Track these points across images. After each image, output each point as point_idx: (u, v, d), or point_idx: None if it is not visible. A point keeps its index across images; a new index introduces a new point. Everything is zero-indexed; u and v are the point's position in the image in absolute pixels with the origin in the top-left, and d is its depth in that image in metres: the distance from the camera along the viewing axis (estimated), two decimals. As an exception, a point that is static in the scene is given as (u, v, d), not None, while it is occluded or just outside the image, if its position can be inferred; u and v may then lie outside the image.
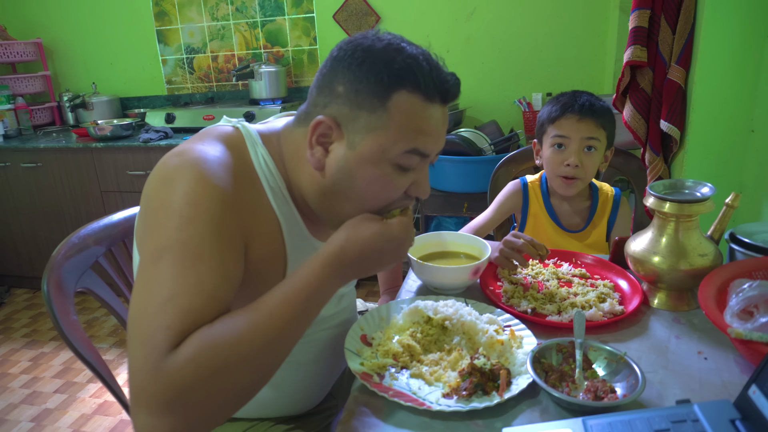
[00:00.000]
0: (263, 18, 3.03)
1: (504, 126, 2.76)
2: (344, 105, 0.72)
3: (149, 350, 0.56)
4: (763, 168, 1.46)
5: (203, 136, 0.76)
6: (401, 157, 0.73)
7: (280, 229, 0.78)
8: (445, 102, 0.75)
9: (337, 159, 0.73)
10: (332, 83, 0.73)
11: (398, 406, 0.73)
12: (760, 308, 0.78)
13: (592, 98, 1.31)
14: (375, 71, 0.70)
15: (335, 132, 0.73)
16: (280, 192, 0.79)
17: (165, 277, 0.60)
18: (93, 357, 0.96)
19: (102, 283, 1.05)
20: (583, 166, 1.29)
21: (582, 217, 1.41)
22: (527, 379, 0.75)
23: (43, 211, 2.93)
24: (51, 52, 3.39)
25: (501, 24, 2.73)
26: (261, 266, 0.76)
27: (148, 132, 2.77)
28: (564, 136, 1.30)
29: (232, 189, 0.70)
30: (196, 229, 0.63)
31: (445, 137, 0.78)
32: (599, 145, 1.30)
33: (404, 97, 0.70)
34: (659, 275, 0.95)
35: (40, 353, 2.49)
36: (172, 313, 0.57)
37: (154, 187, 0.69)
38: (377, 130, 0.71)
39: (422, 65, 0.71)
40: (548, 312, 0.96)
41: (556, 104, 1.32)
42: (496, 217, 1.44)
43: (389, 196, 0.76)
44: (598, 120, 1.28)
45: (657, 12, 1.54)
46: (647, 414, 0.64)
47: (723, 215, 0.96)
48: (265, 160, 0.78)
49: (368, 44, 0.72)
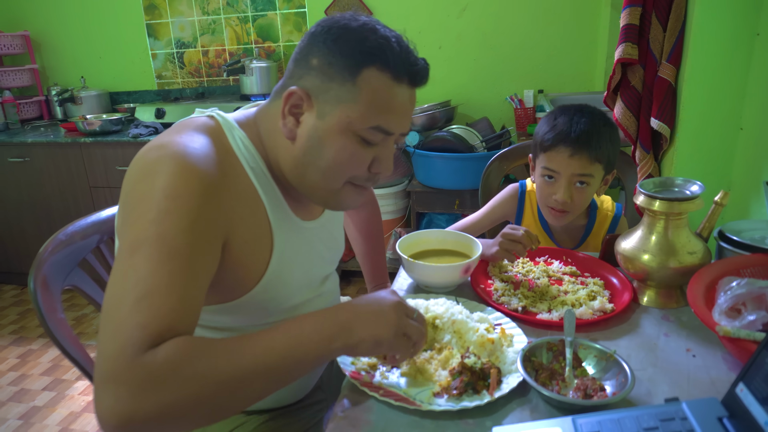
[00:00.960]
0: (254, 12, 3.00)
1: (495, 123, 2.76)
2: (317, 77, 0.75)
3: (123, 345, 0.57)
4: (752, 166, 1.47)
5: (181, 128, 0.77)
6: (366, 131, 0.76)
7: (264, 210, 0.81)
8: (413, 84, 0.78)
9: (307, 128, 0.77)
10: (308, 57, 0.77)
11: (389, 405, 0.73)
12: (747, 306, 0.79)
13: (591, 125, 1.16)
14: (348, 47, 0.74)
15: (306, 103, 0.76)
16: (261, 172, 0.82)
17: (140, 271, 0.62)
18: (80, 355, 0.95)
19: (90, 281, 1.03)
20: (573, 201, 1.20)
21: (577, 235, 1.35)
22: (518, 378, 0.75)
23: (31, 206, 2.90)
24: (39, 44, 3.35)
25: (493, 21, 2.73)
26: (247, 248, 0.78)
27: (138, 127, 2.75)
28: (554, 171, 1.20)
29: (214, 179, 0.71)
30: (173, 223, 0.65)
31: (410, 119, 0.82)
32: (592, 180, 1.20)
33: (374, 74, 0.74)
34: (649, 273, 0.95)
35: (28, 350, 2.47)
36: (147, 314, 0.59)
37: (134, 180, 0.70)
38: (346, 102, 0.74)
39: (393, 46, 0.74)
40: (539, 310, 0.97)
41: (552, 130, 1.19)
42: (486, 220, 1.39)
43: (354, 169, 0.79)
44: (593, 153, 1.16)
45: (648, 9, 1.54)
46: (636, 412, 0.64)
47: (712, 213, 0.97)
48: (243, 143, 0.81)
49: (344, 22, 0.76)
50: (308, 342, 0.65)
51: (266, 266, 0.81)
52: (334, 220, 1.01)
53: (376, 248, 1.31)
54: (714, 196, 0.96)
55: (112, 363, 0.57)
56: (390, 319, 0.69)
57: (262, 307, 0.85)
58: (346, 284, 2.91)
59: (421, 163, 2.52)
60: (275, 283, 0.83)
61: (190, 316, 0.64)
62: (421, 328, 0.73)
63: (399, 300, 0.73)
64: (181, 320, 0.62)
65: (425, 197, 2.56)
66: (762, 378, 0.60)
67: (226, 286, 0.78)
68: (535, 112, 2.66)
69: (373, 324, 0.68)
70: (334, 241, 1.01)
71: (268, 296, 0.84)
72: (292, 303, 0.90)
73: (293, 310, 0.91)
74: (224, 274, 0.75)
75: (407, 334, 0.71)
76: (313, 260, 0.93)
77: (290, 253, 0.85)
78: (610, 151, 1.20)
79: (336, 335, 0.66)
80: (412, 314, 0.74)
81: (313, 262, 0.93)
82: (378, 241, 1.31)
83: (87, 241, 1.03)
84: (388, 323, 0.69)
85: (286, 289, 0.87)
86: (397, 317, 0.70)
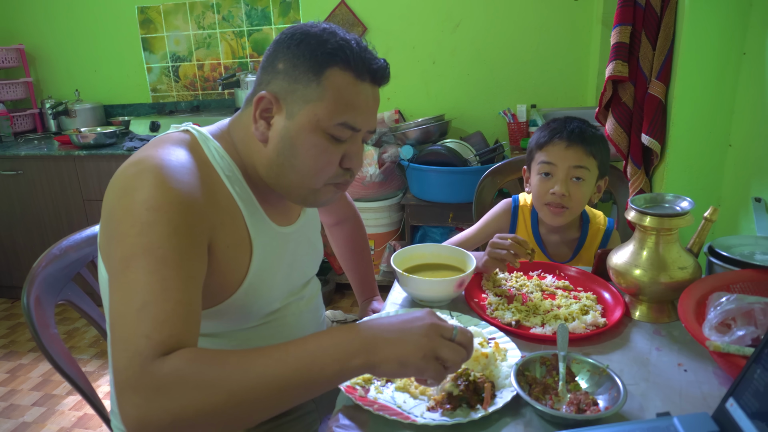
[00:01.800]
0: (250, 27, 3.03)
1: (489, 137, 2.79)
2: (283, 80, 0.79)
3: (133, 355, 0.59)
4: (741, 182, 1.49)
5: (157, 143, 0.79)
6: (334, 128, 0.79)
7: (242, 217, 0.84)
8: (375, 82, 0.82)
9: (278, 130, 0.80)
10: (274, 62, 0.81)
11: (383, 420, 0.73)
12: (737, 321, 0.80)
13: (584, 125, 1.25)
14: (310, 49, 0.78)
15: (275, 106, 0.80)
16: (237, 180, 0.84)
17: (135, 285, 0.64)
18: (73, 370, 0.94)
19: (83, 295, 1.03)
20: (570, 195, 1.23)
21: (569, 248, 1.36)
22: (511, 392, 0.76)
23: (24, 219, 2.88)
24: (33, 58, 3.35)
25: (486, 36, 2.77)
26: (228, 255, 0.81)
27: (133, 140, 2.75)
28: (551, 163, 1.24)
29: (193, 189, 0.73)
30: (157, 233, 0.67)
31: (376, 116, 0.85)
32: (588, 174, 1.23)
33: (337, 73, 0.78)
34: (640, 288, 0.96)
35: (18, 365, 2.44)
36: (149, 323, 0.61)
37: (114, 198, 0.72)
38: (313, 101, 0.78)
39: (353, 47, 0.79)
40: (532, 324, 0.97)
41: (545, 130, 1.27)
42: (479, 235, 1.40)
43: (326, 167, 0.82)
44: (588, 147, 1.22)
45: (638, 28, 1.57)
46: (628, 427, 0.65)
47: (702, 229, 0.98)
48: (218, 153, 0.84)
49: (306, 29, 0.80)
50: (325, 356, 0.62)
51: (246, 271, 0.83)
52: (311, 225, 1.03)
53: (363, 262, 1.33)
54: (704, 212, 0.97)
55: (125, 373, 0.59)
56: (419, 340, 0.65)
57: (245, 312, 0.87)
58: (340, 297, 2.91)
59: (416, 177, 2.53)
60: (256, 287, 0.85)
61: (192, 319, 0.65)
62: (461, 350, 0.67)
63: (433, 321, 0.68)
64: (183, 325, 0.63)
65: (419, 210, 2.57)
66: (751, 393, 0.60)
67: (209, 291, 0.79)
68: (528, 127, 2.69)
69: (400, 344, 0.64)
70: (312, 245, 1.04)
71: (249, 301, 0.85)
72: (273, 307, 0.92)
73: (275, 314, 0.93)
74: (207, 279, 0.77)
75: (440, 357, 0.65)
76: (293, 265, 0.95)
77: (269, 259, 0.88)
78: (603, 152, 1.26)
79: (357, 351, 0.63)
80: (449, 334, 0.67)
81: (293, 267, 0.96)
82: (364, 255, 1.33)
83: (81, 256, 1.03)
84: (417, 345, 0.64)
85: (267, 294, 0.89)
86: (428, 339, 0.65)
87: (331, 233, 1.32)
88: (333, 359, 0.62)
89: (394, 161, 2.59)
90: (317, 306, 1.06)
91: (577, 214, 1.30)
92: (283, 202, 0.93)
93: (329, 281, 2.84)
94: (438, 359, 0.65)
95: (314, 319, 1.03)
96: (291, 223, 0.95)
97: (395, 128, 2.65)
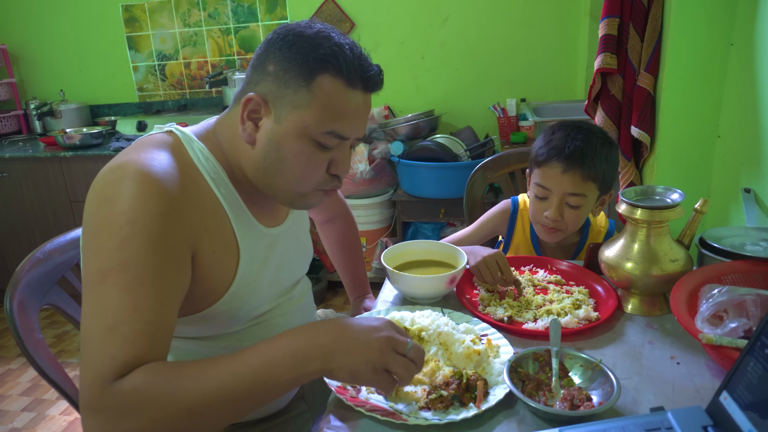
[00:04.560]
0: (236, 24, 3.00)
1: (479, 132, 2.78)
2: (273, 83, 0.77)
3: (96, 375, 0.60)
4: (730, 173, 1.50)
5: (140, 145, 0.77)
6: (321, 136, 0.77)
7: (228, 220, 0.82)
8: (367, 90, 0.80)
9: (266, 132, 0.78)
10: (264, 63, 0.78)
11: (375, 420, 0.72)
12: (729, 313, 0.80)
13: (587, 141, 1.14)
14: (302, 53, 0.75)
15: (264, 108, 0.78)
16: (222, 182, 0.82)
17: (108, 301, 0.63)
18: (59, 376, 0.93)
19: (69, 299, 1.01)
20: (564, 219, 1.17)
21: (567, 254, 1.32)
22: (504, 389, 0.75)
23: (9, 222, 2.84)
24: (16, 58, 3.30)
25: (475, 30, 2.76)
26: (214, 260, 0.79)
27: (119, 140, 2.71)
28: (545, 188, 1.17)
29: (175, 194, 0.72)
30: (136, 248, 0.66)
31: (366, 124, 0.83)
32: (584, 200, 1.16)
33: (327, 80, 0.76)
34: (632, 281, 0.96)
35: (6, 370, 2.41)
36: (115, 344, 0.61)
37: (94, 205, 0.70)
38: (301, 107, 0.76)
39: (347, 53, 0.76)
40: (525, 320, 0.97)
41: (546, 146, 1.17)
42: (475, 236, 1.36)
43: (312, 172, 0.80)
44: (587, 171, 1.13)
45: (626, 20, 1.57)
46: (622, 422, 0.64)
47: (692, 220, 0.98)
48: (203, 154, 0.81)
49: (300, 30, 0.78)
50: (281, 366, 0.64)
51: (233, 276, 0.82)
52: (300, 225, 1.02)
53: (355, 260, 1.32)
54: (694, 204, 0.97)
55: (89, 392, 0.60)
56: (371, 355, 0.66)
57: (233, 315, 0.85)
58: (333, 295, 2.90)
59: (406, 173, 2.52)
60: (244, 290, 0.84)
61: (161, 339, 0.65)
62: (411, 366, 0.68)
63: (390, 335, 0.68)
64: (151, 345, 0.63)
65: (410, 207, 2.56)
66: (745, 386, 0.60)
67: (195, 297, 0.78)
68: (518, 121, 2.68)
69: (353, 355, 0.66)
70: (301, 245, 1.03)
71: (237, 304, 0.84)
72: (262, 309, 0.91)
73: (264, 315, 0.92)
74: (193, 286, 0.76)
75: (390, 371, 0.67)
76: (281, 266, 0.94)
77: (257, 261, 0.86)
78: (606, 171, 1.16)
79: (312, 358, 0.65)
80: (403, 348, 0.68)
81: (282, 268, 0.94)
82: (355, 253, 1.31)
83: (66, 259, 1.01)
84: (368, 359, 0.66)
85: (255, 297, 0.88)
86: (381, 354, 0.66)
87: (322, 231, 1.30)
88: (288, 368, 0.64)
89: (385, 157, 2.58)
90: (307, 305, 1.05)
91: (572, 233, 1.24)
92: (270, 202, 0.91)
93: (321, 279, 2.82)
94: (386, 373, 0.67)
95: (304, 318, 1.02)
96: (279, 224, 0.93)
97: (385, 124, 2.64)
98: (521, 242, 1.34)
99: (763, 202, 1.33)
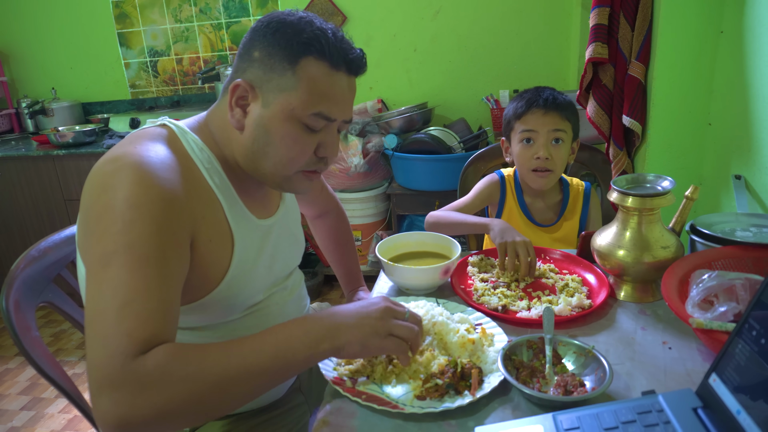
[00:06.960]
0: (228, 19, 2.98)
1: (472, 123, 2.78)
2: (259, 69, 0.79)
3: (113, 353, 0.60)
4: (721, 160, 1.51)
5: (135, 138, 0.78)
6: (308, 118, 0.79)
7: (222, 210, 0.83)
8: (351, 72, 0.83)
9: (254, 117, 0.80)
10: (250, 50, 0.81)
11: (372, 410, 0.73)
12: (719, 298, 0.81)
13: (555, 92, 1.35)
14: (286, 38, 0.78)
15: (251, 93, 0.80)
16: (216, 171, 0.84)
17: (116, 281, 0.64)
18: (57, 374, 0.93)
19: (65, 297, 1.02)
20: (552, 158, 1.32)
21: (554, 212, 1.44)
22: (499, 377, 0.76)
23: (4, 222, 2.83)
24: (7, 56, 3.27)
25: (466, 22, 2.75)
26: (210, 248, 0.80)
27: (113, 138, 2.70)
28: (532, 131, 1.33)
29: (174, 185, 0.73)
30: (139, 231, 0.67)
31: (352, 106, 0.86)
32: (566, 136, 1.34)
33: (312, 63, 0.78)
34: (624, 268, 0.97)
35: (5, 369, 2.41)
36: (131, 320, 0.62)
37: (93, 195, 0.71)
38: (287, 90, 0.78)
39: (329, 36, 0.79)
40: (519, 308, 0.98)
41: (521, 101, 1.36)
42: (470, 207, 1.43)
43: (300, 155, 0.82)
44: (563, 113, 1.32)
45: (616, 9, 1.57)
46: (614, 406, 0.65)
47: (683, 207, 0.99)
48: (196, 144, 0.83)
49: (283, 17, 0.80)
50: (297, 344, 0.68)
51: (228, 265, 0.83)
52: (291, 216, 1.03)
53: (347, 254, 1.33)
54: (685, 191, 0.98)
55: (105, 370, 0.59)
56: (375, 324, 0.72)
57: (228, 304, 0.87)
58: (329, 289, 2.91)
59: (400, 166, 2.53)
60: (239, 280, 0.85)
61: (171, 317, 0.67)
62: (412, 327, 0.75)
63: (386, 305, 0.75)
64: (163, 322, 0.64)
65: (405, 199, 2.57)
66: (733, 368, 0.61)
67: (192, 285, 0.79)
68: (511, 112, 2.68)
69: (359, 328, 0.71)
70: (293, 236, 1.04)
71: (232, 293, 0.85)
72: (256, 299, 0.92)
73: (258, 305, 0.93)
74: (191, 273, 0.77)
75: (395, 335, 0.73)
76: (275, 257, 0.95)
77: (251, 251, 0.87)
78: (574, 118, 1.36)
79: (323, 337, 0.69)
80: (402, 316, 0.76)
81: (275, 259, 0.95)
82: (348, 247, 1.32)
83: (61, 257, 1.01)
84: (372, 327, 0.71)
85: (249, 286, 0.89)
86: (383, 321, 0.72)
87: (314, 226, 1.31)
88: (304, 345, 0.68)
89: (379, 151, 2.58)
90: (300, 296, 1.06)
91: (559, 175, 1.40)
92: (262, 192, 0.92)
93: (317, 273, 2.83)
94: (393, 336, 0.73)
95: (298, 309, 1.03)
96: (270, 215, 0.94)
97: (378, 118, 2.64)
98: (512, 207, 1.44)
99: (753, 188, 1.34)
